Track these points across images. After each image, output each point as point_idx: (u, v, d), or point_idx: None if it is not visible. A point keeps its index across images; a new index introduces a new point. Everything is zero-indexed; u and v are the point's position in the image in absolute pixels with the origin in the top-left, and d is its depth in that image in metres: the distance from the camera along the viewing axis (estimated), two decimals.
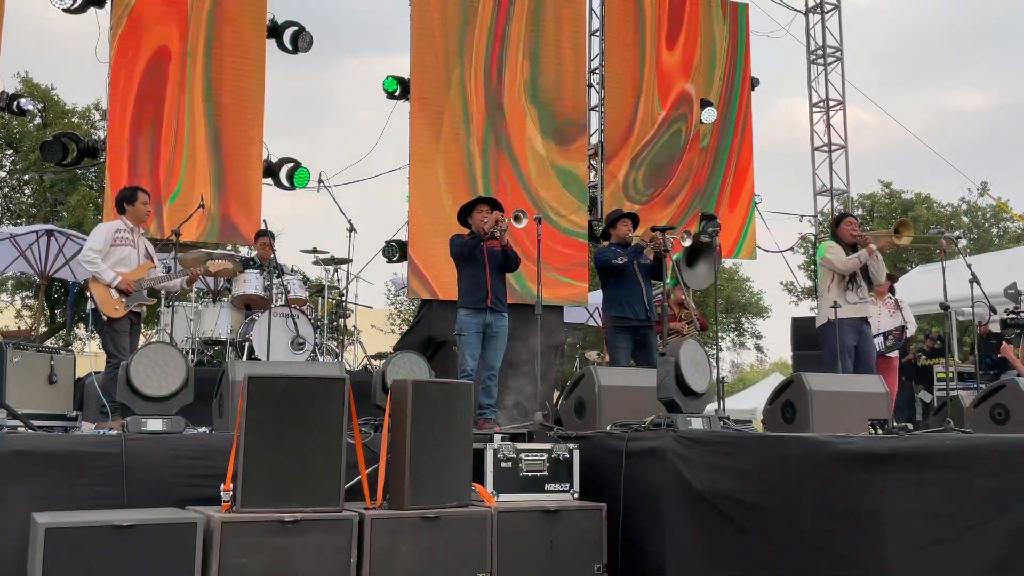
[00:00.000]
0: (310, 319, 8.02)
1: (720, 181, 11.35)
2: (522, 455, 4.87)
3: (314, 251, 9.06)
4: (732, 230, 11.28)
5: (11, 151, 19.38)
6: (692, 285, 8.03)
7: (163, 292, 7.91)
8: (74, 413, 6.15)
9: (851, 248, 7.18)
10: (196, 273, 6.87)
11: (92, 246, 6.28)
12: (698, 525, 4.46)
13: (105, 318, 6.18)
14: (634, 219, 7.70)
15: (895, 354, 8.78)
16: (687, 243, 7.38)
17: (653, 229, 7.48)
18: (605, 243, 7.86)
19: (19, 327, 19.63)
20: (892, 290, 9.08)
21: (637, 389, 5.49)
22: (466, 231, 7.05)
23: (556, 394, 9.10)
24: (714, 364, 5.16)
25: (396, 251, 9.55)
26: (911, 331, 8.81)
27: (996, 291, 9.96)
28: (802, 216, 14.37)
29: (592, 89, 11.03)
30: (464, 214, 7.13)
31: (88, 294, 6.23)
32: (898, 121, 46.95)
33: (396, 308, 24.73)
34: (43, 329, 17.71)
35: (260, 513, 4.00)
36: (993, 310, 8.49)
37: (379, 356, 9.71)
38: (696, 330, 8.26)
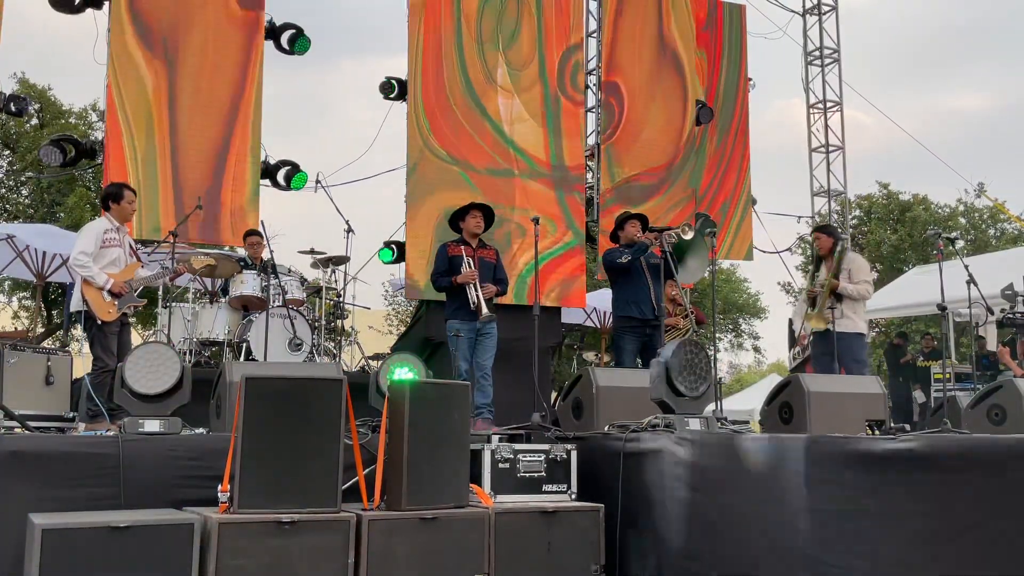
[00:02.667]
0: (307, 320, 8.02)
1: (719, 182, 11.36)
2: (520, 456, 4.87)
3: (312, 252, 9.06)
4: (729, 231, 11.28)
5: (8, 152, 19.35)
6: (683, 280, 8.01)
7: (159, 292, 7.91)
8: (71, 414, 6.15)
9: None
10: (181, 269, 6.90)
11: (83, 249, 6.19)
12: (696, 526, 4.46)
13: (100, 322, 6.15)
14: (643, 220, 7.68)
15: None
16: (688, 236, 7.36)
17: (650, 230, 7.49)
18: (615, 245, 7.85)
19: (16, 328, 19.59)
20: None
21: (635, 390, 5.50)
22: (456, 235, 7.17)
23: (554, 395, 9.10)
24: (714, 359, 5.15)
25: (394, 252, 9.55)
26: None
27: (993, 292, 9.97)
28: (799, 217, 14.39)
29: (589, 90, 11.02)
30: (456, 218, 7.16)
31: (82, 297, 6.18)
32: (895, 122, 46.97)
33: (394, 309, 24.69)
34: (40, 330, 17.67)
35: (257, 514, 4.00)
36: (990, 311, 8.50)
37: (376, 357, 9.72)
38: (693, 325, 8.25)
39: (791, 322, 11.87)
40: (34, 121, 18.59)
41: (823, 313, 7.37)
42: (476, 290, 6.73)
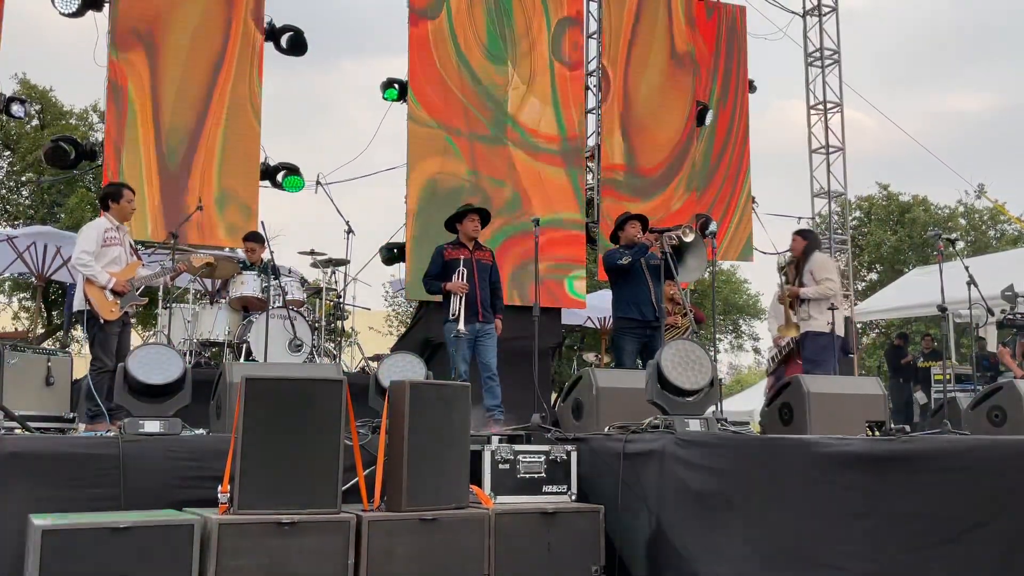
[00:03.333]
0: (308, 321, 8.02)
1: (719, 183, 11.37)
2: (520, 457, 4.87)
3: (312, 253, 9.06)
4: (729, 232, 11.30)
5: (8, 152, 19.35)
6: (682, 279, 8.00)
7: (160, 293, 7.92)
8: (71, 415, 6.15)
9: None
10: (180, 268, 6.92)
11: (85, 248, 6.19)
12: (696, 527, 4.46)
13: (102, 321, 6.15)
14: (643, 221, 7.67)
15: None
16: (689, 238, 7.34)
17: (651, 231, 7.48)
18: (615, 246, 7.83)
19: (16, 328, 19.58)
20: None
21: (635, 391, 5.48)
22: (453, 237, 7.18)
23: (554, 396, 9.10)
24: (713, 360, 5.15)
25: (394, 253, 9.57)
26: None
27: (993, 293, 9.98)
28: (800, 218, 14.35)
29: (589, 91, 11.03)
30: (452, 221, 7.16)
31: (84, 296, 6.19)
32: (896, 123, 46.85)
33: (394, 310, 24.69)
34: (40, 331, 17.67)
35: (257, 515, 4.00)
36: (990, 312, 8.50)
37: (377, 358, 9.72)
38: (692, 324, 8.22)
39: None
40: (35, 122, 18.60)
41: (791, 321, 7.45)
42: (460, 302, 6.73)
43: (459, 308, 6.71)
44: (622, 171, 10.72)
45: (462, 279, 6.81)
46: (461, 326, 6.68)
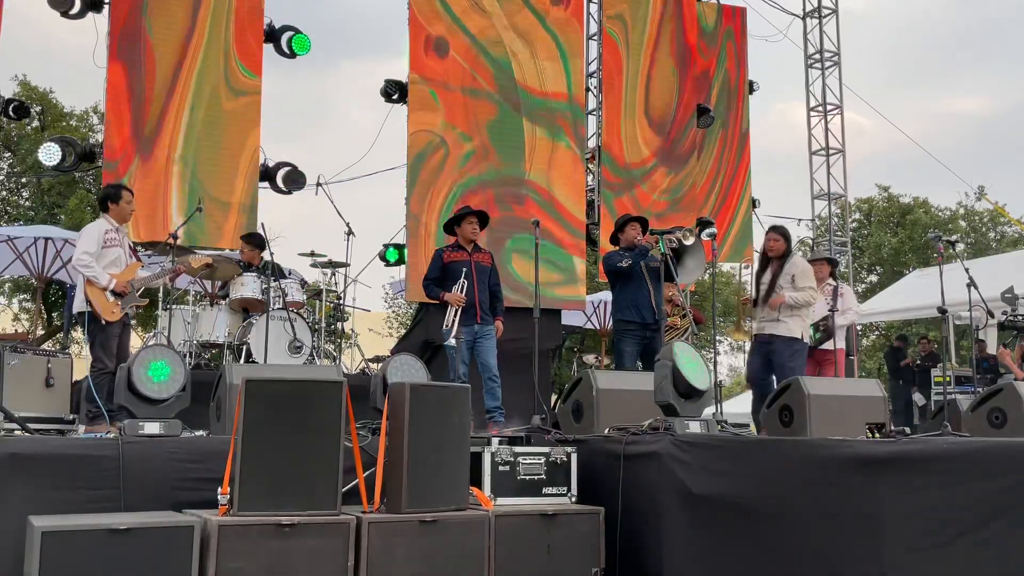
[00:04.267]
0: (308, 322, 8.02)
1: (719, 184, 11.38)
2: (520, 459, 4.87)
3: (312, 254, 9.07)
4: (728, 233, 11.31)
5: (8, 154, 19.36)
6: (681, 280, 7.99)
7: (160, 294, 7.91)
8: (71, 416, 6.16)
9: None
10: (179, 269, 6.92)
11: (86, 249, 6.19)
12: (696, 529, 4.46)
13: (103, 322, 6.16)
14: (643, 223, 7.66)
15: (832, 346, 7.95)
16: (690, 241, 7.31)
17: (652, 232, 7.48)
18: (615, 248, 7.82)
19: (16, 330, 19.58)
20: (833, 275, 8.18)
21: (635, 392, 5.49)
22: (452, 238, 7.18)
23: (554, 397, 9.10)
24: (710, 364, 5.16)
25: (394, 254, 9.57)
26: (847, 319, 8.02)
27: (993, 295, 9.99)
28: (800, 220, 14.41)
29: (590, 92, 11.04)
30: (451, 224, 7.17)
31: (85, 297, 6.19)
32: (896, 125, 46.86)
33: (394, 311, 24.69)
34: (40, 332, 17.66)
35: (257, 517, 4.00)
36: (991, 314, 8.49)
37: (376, 359, 9.72)
38: (692, 326, 8.22)
39: None
40: (35, 123, 18.60)
41: (742, 327, 7.35)
42: (456, 315, 6.72)
43: (453, 320, 6.70)
44: (623, 169, 10.73)
45: (462, 290, 6.79)
46: (453, 337, 6.67)
